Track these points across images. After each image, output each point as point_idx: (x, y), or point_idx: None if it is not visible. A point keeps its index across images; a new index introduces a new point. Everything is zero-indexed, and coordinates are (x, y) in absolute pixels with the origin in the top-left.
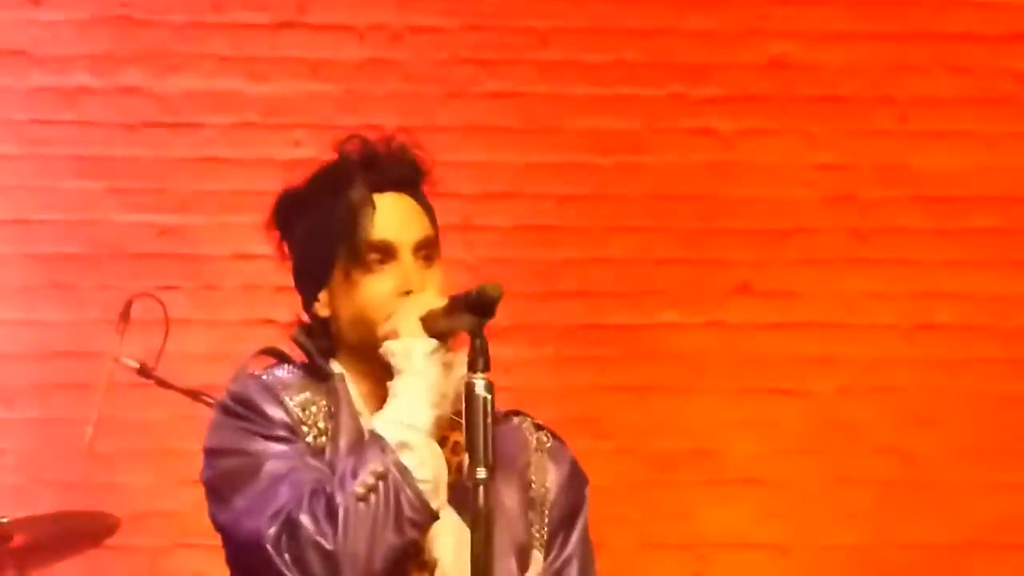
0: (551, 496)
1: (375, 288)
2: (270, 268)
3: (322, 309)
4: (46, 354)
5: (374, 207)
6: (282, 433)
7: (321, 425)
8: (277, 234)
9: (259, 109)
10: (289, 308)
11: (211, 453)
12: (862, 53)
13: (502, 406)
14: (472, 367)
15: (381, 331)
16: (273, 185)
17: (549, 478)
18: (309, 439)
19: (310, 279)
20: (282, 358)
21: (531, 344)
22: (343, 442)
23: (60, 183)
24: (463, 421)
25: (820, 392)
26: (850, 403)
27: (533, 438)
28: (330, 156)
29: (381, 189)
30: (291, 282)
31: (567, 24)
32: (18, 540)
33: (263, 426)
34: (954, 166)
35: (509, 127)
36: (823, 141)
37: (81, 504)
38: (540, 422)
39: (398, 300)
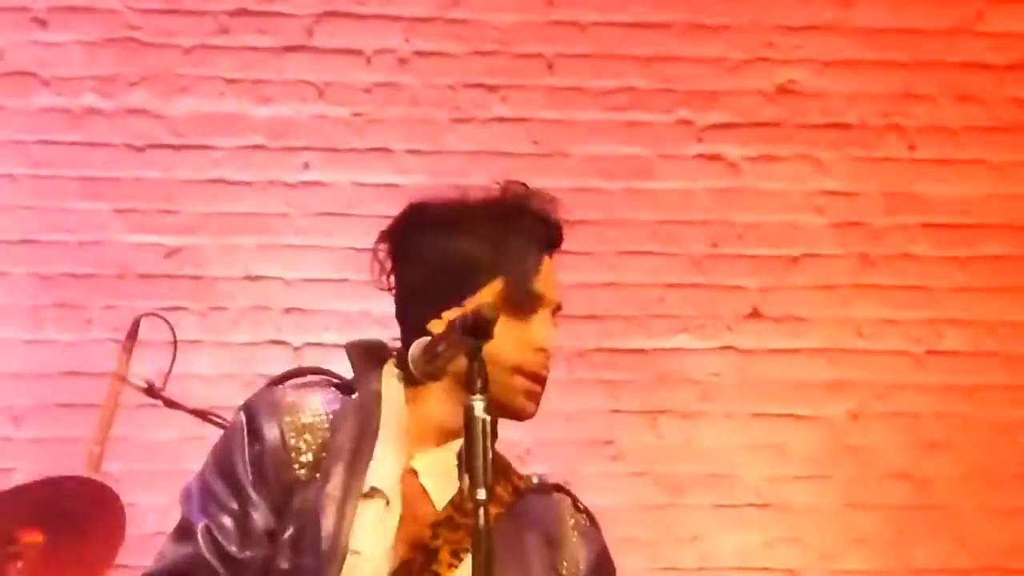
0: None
1: (517, 332)
2: (278, 289)
3: (439, 327)
4: (53, 374)
5: (542, 259)
6: (249, 475)
7: (317, 454)
8: (389, 242)
9: (267, 131)
10: (298, 330)
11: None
12: (870, 80)
13: (518, 430)
14: (471, 388)
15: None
16: (281, 207)
17: (581, 561)
18: (297, 467)
19: (444, 295)
20: (321, 377)
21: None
22: (336, 475)
23: (67, 204)
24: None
25: (831, 417)
26: (861, 428)
27: (571, 518)
28: (444, 186)
29: (546, 249)
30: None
31: (574, 50)
32: (24, 555)
33: (241, 455)
34: (962, 193)
35: (517, 152)
36: (831, 168)
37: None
38: (581, 503)
39: (530, 352)
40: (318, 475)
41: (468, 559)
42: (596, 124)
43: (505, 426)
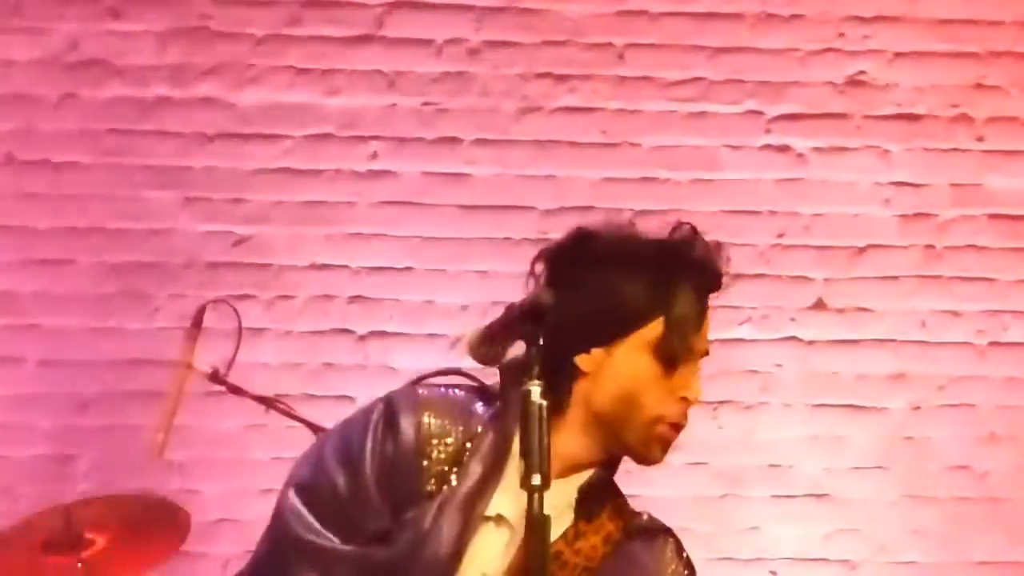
0: None
1: (665, 382)
2: (345, 279)
3: (588, 364)
4: (121, 362)
5: (706, 313)
6: (373, 470)
7: (446, 468)
8: (549, 264)
9: (336, 121)
10: (363, 319)
11: (334, 432)
12: (940, 72)
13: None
14: (528, 374)
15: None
16: (349, 196)
17: None
18: (425, 475)
19: (597, 332)
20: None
21: None
22: (470, 484)
23: (137, 192)
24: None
25: (892, 409)
26: (922, 420)
27: (672, 565)
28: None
29: (706, 296)
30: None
31: (644, 40)
32: (89, 540)
33: (374, 455)
34: None
35: (584, 142)
36: (899, 159)
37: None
38: (684, 551)
39: (676, 403)
40: (444, 487)
41: None
42: (664, 115)
43: None
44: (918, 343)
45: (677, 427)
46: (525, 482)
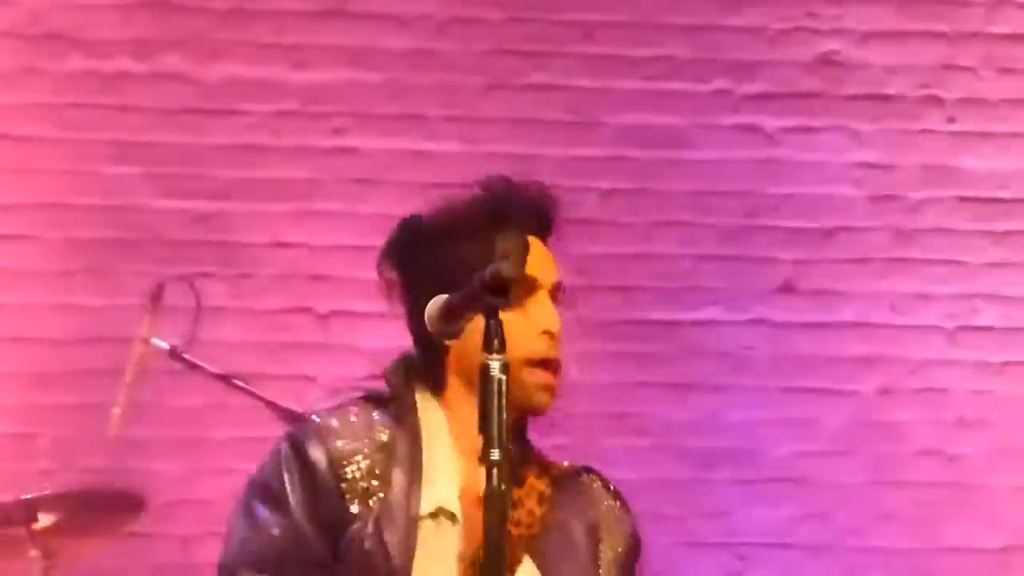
0: (616, 559)
1: (517, 324)
2: (307, 256)
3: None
4: (82, 339)
5: (528, 246)
6: (300, 504)
7: (365, 484)
8: (390, 259)
9: (300, 97)
10: (325, 297)
11: (249, 485)
12: (910, 52)
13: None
14: (488, 348)
15: None
16: (313, 173)
17: (619, 545)
18: (348, 496)
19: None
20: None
21: (569, 339)
22: (396, 504)
23: (98, 168)
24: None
25: (862, 392)
26: (892, 404)
27: (605, 502)
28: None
29: (531, 232)
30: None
31: (613, 18)
32: (44, 520)
33: (295, 488)
34: (1001, 167)
35: (552, 120)
36: (869, 140)
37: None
38: (611, 485)
39: (538, 338)
40: (372, 502)
41: (520, 567)
42: (633, 93)
43: None
44: (888, 326)
45: (548, 364)
46: (484, 457)
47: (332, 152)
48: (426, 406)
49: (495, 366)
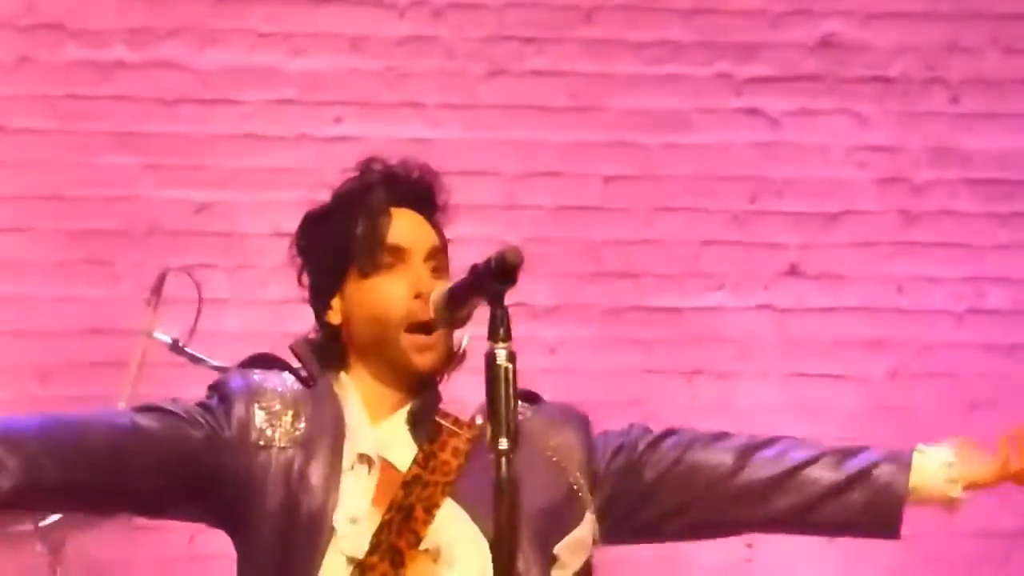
0: (577, 455)
1: (386, 288)
2: None
3: (335, 316)
4: (83, 331)
5: (391, 215)
6: (208, 420)
7: (292, 424)
8: (298, 259)
9: (298, 85)
10: None
11: None
12: (913, 33)
13: (548, 388)
14: (493, 336)
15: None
16: (313, 162)
17: (570, 443)
18: (271, 435)
19: (325, 286)
20: (281, 364)
21: (576, 325)
22: (319, 449)
23: (97, 159)
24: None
25: (871, 376)
26: (901, 387)
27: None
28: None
29: (398, 204)
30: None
31: (613, 1)
32: (50, 518)
33: (210, 406)
34: (1006, 148)
35: (553, 105)
36: (873, 122)
37: None
38: (543, 399)
39: (411, 300)
40: (290, 450)
41: (439, 512)
42: (634, 77)
43: (533, 385)
44: (895, 310)
45: (419, 326)
46: (492, 446)
47: (332, 140)
48: (337, 382)
49: (501, 354)
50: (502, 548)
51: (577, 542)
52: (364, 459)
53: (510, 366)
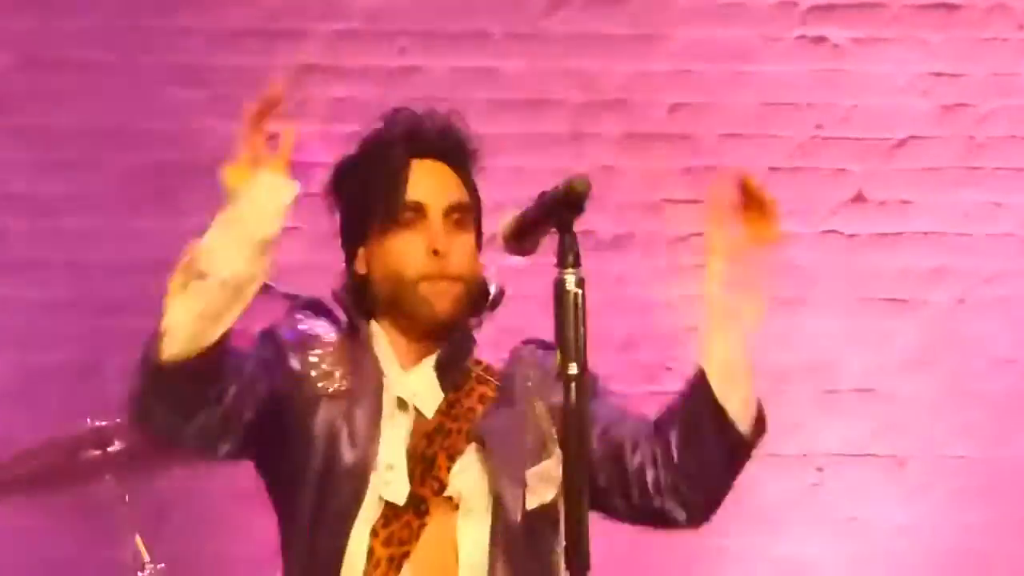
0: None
1: (403, 244)
2: None
3: (360, 266)
4: (148, 264)
5: (409, 170)
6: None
7: (338, 374)
8: (332, 204)
9: (362, 16)
10: None
11: None
12: None
13: (615, 318)
14: (562, 263)
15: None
16: (377, 94)
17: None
18: (321, 386)
19: (351, 236)
20: (327, 312)
21: (643, 255)
22: (362, 397)
23: (162, 91)
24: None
25: (936, 303)
26: (967, 314)
27: (524, 356)
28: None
29: (421, 155)
30: None
31: None
32: (118, 445)
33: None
34: None
35: (617, 34)
36: (938, 49)
37: None
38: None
39: (427, 257)
40: (336, 400)
41: (462, 458)
42: (698, 6)
43: (600, 316)
44: (961, 235)
45: (439, 275)
46: (562, 372)
47: (397, 72)
48: (368, 330)
49: (570, 280)
50: (571, 475)
51: (546, 471)
52: (401, 404)
53: (579, 292)
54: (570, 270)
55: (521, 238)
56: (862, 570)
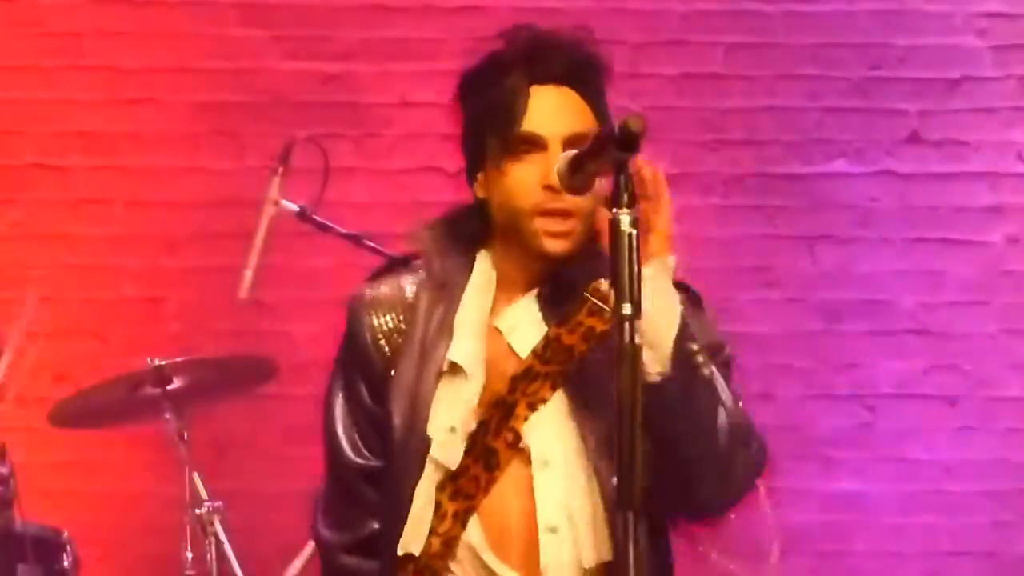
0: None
1: (518, 177)
2: (436, 116)
3: (479, 190)
4: (210, 202)
5: (528, 98)
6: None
7: (403, 344)
8: (455, 102)
9: None
10: (454, 156)
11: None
12: None
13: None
14: (617, 203)
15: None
16: (439, 32)
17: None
18: (394, 359)
19: (471, 160)
20: (405, 266)
21: (698, 193)
22: (425, 362)
23: (224, 31)
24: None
25: (991, 242)
26: (1021, 253)
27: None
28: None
29: (542, 81)
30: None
31: None
32: (178, 383)
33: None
34: None
35: None
36: None
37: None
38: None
39: (541, 192)
40: (398, 360)
41: (544, 407)
42: None
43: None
44: (1015, 175)
45: (553, 212)
46: (616, 311)
47: (458, 11)
48: (476, 261)
49: (625, 220)
50: (624, 419)
51: None
52: (457, 368)
53: (634, 232)
54: (625, 211)
55: (576, 176)
56: (913, 508)
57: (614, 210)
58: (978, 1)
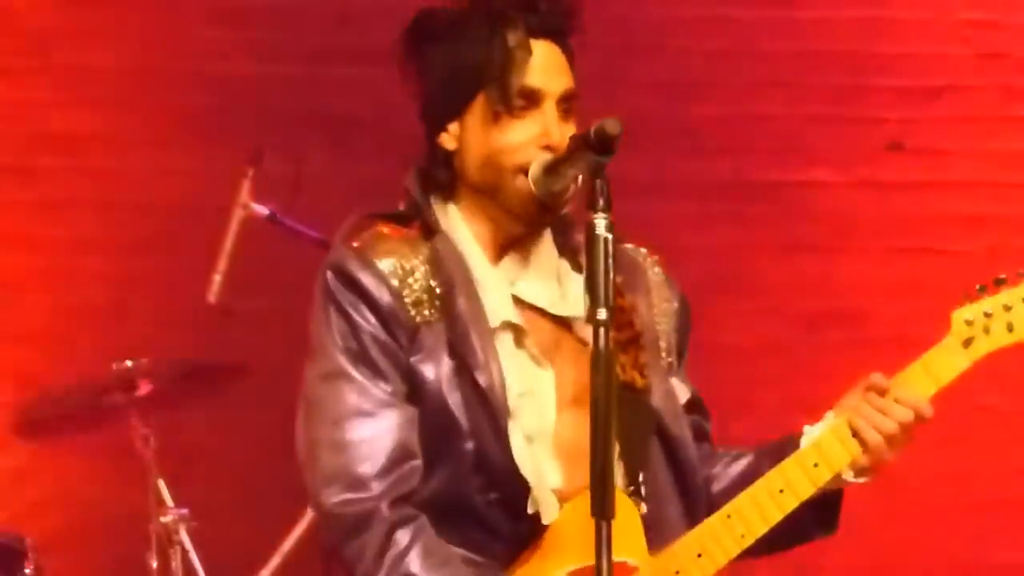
0: (672, 322)
1: (515, 133)
2: (409, 118)
3: (449, 141)
4: (179, 205)
5: (530, 52)
6: (380, 332)
7: (424, 296)
8: (407, 53)
9: None
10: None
11: (314, 350)
12: None
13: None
14: (593, 207)
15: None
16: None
17: (674, 299)
18: (413, 312)
19: (443, 108)
20: (386, 226)
21: (675, 200)
22: (462, 302)
23: (193, 32)
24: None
25: (970, 252)
26: (1001, 263)
27: (651, 268)
28: None
29: (536, 35)
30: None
31: None
32: (144, 388)
33: (362, 315)
34: None
35: None
36: None
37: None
38: (653, 254)
39: (536, 150)
40: (429, 312)
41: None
42: None
43: None
44: (996, 185)
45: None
46: (591, 317)
47: None
48: (445, 215)
49: (601, 225)
50: (598, 426)
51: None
52: (508, 326)
53: (609, 236)
54: (601, 214)
55: (552, 181)
56: (891, 518)
57: (590, 214)
58: (961, 9)
